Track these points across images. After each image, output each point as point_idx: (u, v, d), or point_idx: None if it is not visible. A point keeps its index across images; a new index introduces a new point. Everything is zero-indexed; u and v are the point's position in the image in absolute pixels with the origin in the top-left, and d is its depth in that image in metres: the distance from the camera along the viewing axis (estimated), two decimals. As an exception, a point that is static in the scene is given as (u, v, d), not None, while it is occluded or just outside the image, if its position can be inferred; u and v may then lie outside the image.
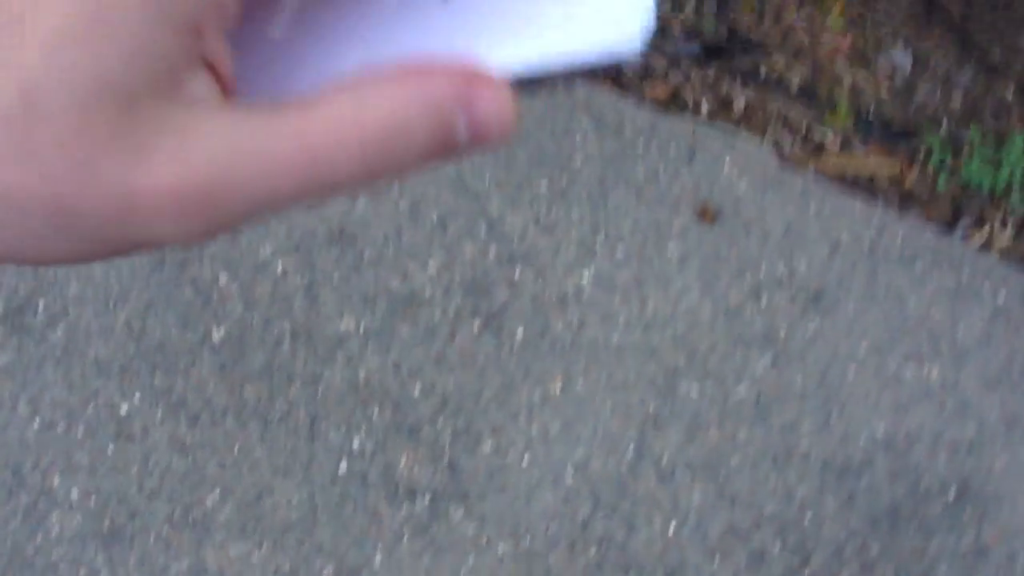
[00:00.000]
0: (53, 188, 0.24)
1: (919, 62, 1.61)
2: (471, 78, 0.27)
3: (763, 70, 1.59)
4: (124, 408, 1.50)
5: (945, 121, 1.59)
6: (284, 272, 1.53)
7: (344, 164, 0.25)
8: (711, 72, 1.59)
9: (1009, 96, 1.59)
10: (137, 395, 1.50)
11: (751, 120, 1.57)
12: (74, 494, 1.47)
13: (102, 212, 0.25)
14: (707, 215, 1.51)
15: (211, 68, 0.26)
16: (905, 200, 1.57)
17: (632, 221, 1.52)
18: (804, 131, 1.58)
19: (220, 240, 1.55)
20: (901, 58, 1.61)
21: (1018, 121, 1.58)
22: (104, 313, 1.54)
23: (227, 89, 0.27)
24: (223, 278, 1.53)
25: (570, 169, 1.53)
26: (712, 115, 1.57)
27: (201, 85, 0.26)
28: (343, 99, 0.26)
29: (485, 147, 0.27)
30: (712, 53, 1.59)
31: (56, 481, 1.48)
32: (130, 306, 1.54)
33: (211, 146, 0.25)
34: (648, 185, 1.52)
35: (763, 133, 1.57)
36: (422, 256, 1.52)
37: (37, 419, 1.51)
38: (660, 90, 1.58)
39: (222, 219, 0.25)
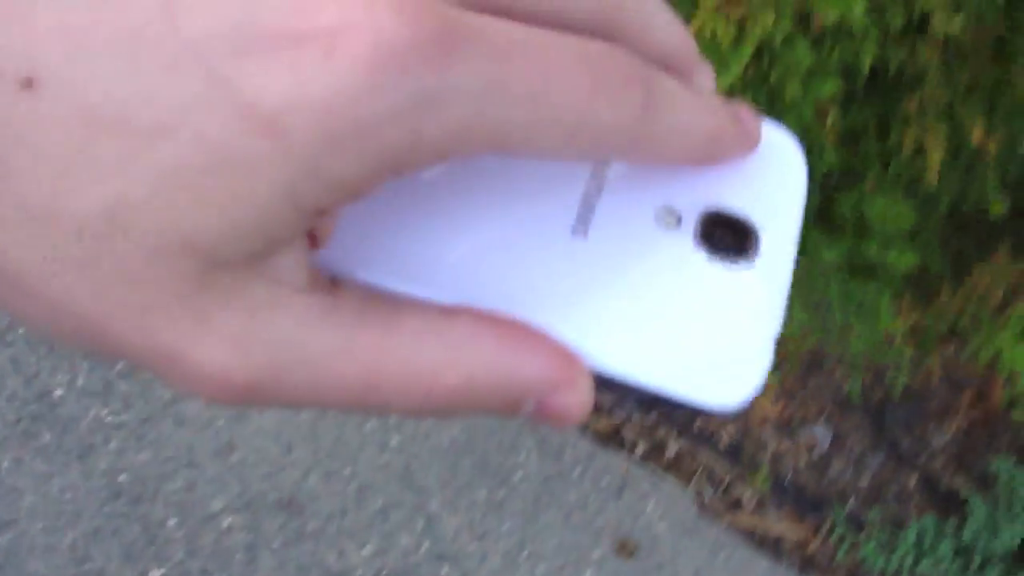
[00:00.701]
0: (95, 313, 0.23)
1: (837, 441, 1.83)
2: (562, 366, 0.26)
3: (697, 424, 1.80)
4: (50, 629, 1.61)
5: (852, 499, 1.80)
6: (230, 528, 1.67)
7: (399, 404, 0.25)
8: (651, 417, 1.80)
9: (911, 485, 1.81)
10: (66, 619, 1.61)
11: (679, 467, 1.77)
12: None
13: (135, 355, 0.24)
14: (625, 549, 1.69)
15: (310, 234, 0.25)
16: (806, 565, 1.76)
17: (557, 542, 1.69)
18: (725, 486, 1.78)
19: (175, 486, 1.69)
20: (822, 434, 1.83)
21: (915, 510, 1.79)
22: (52, 531, 1.66)
23: (315, 245, 0.26)
24: (172, 522, 1.67)
25: (509, 483, 1.70)
26: (645, 456, 1.77)
27: (291, 261, 0.24)
28: (424, 342, 0.25)
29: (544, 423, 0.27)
30: (655, 401, 1.80)
31: None
32: (79, 530, 1.66)
33: (275, 340, 0.24)
34: (577, 511, 1.70)
35: (688, 481, 1.76)
36: (360, 538, 1.67)
37: (-36, 623, 1.61)
38: (603, 424, 1.78)
39: (253, 405, 0.24)
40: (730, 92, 1.16)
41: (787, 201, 0.28)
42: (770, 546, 1.76)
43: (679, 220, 0.28)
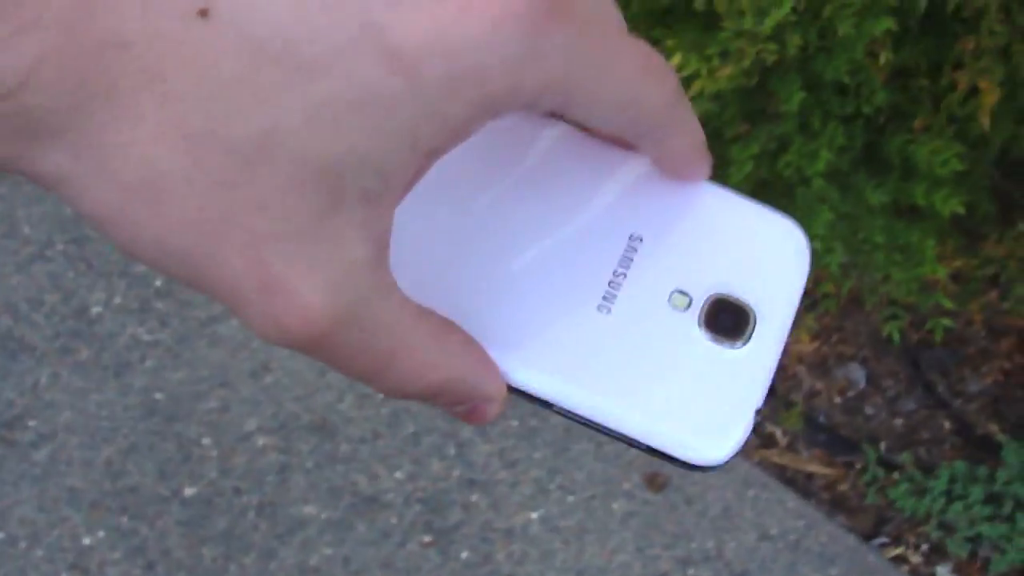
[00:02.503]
0: (217, 234, 0.25)
1: (872, 382, 1.84)
2: (501, 386, 0.32)
3: (733, 359, 1.81)
4: (87, 541, 1.65)
5: (885, 440, 1.81)
6: (263, 448, 1.70)
7: (393, 385, 0.29)
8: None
9: (945, 429, 1.82)
10: (101, 532, 1.65)
11: (713, 403, 1.79)
12: (20, 612, 1.62)
13: (233, 283, 0.26)
14: (655, 483, 1.71)
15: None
16: (835, 505, 1.78)
17: (587, 474, 1.71)
18: (758, 423, 1.79)
19: (210, 405, 1.73)
20: (857, 374, 1.84)
21: (948, 455, 1.80)
22: (89, 447, 1.70)
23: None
24: (206, 440, 1.71)
25: (542, 412, 1.72)
26: (679, 390, 1.78)
27: (387, 222, 0.27)
28: (433, 344, 0.29)
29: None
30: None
31: (6, 596, 1.62)
32: (115, 446, 1.70)
33: (358, 299, 0.27)
34: (608, 444, 1.72)
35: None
36: (392, 463, 1.70)
37: (2, 533, 1.66)
38: (638, 357, 1.79)
39: (307, 351, 0.27)
40: (781, 28, 1.16)
41: (787, 288, 0.33)
42: (800, 484, 1.78)
43: (689, 303, 0.33)
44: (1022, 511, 1.67)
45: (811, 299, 1.77)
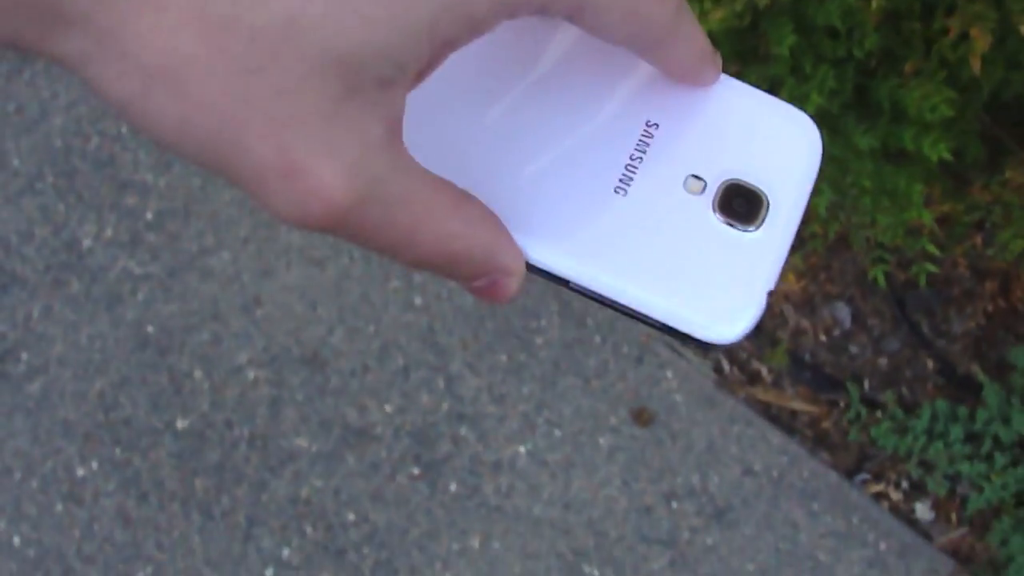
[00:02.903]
0: (239, 118, 0.25)
1: (857, 320, 1.86)
2: (519, 261, 0.32)
3: (720, 297, 1.83)
4: (80, 472, 1.68)
5: (868, 379, 1.84)
6: (255, 381, 1.72)
7: (416, 256, 0.29)
8: (674, 289, 1.82)
9: (928, 369, 1.85)
10: (95, 464, 1.68)
11: (699, 340, 1.81)
12: (16, 541, 1.64)
13: (254, 167, 0.26)
14: (641, 418, 1.74)
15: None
16: (818, 442, 1.81)
17: (574, 408, 1.74)
18: (744, 361, 1.82)
19: (201, 338, 1.74)
20: (843, 313, 1.86)
21: (930, 394, 1.83)
22: (81, 379, 1.72)
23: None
24: (198, 373, 1.73)
25: (530, 347, 1.75)
26: (666, 328, 1.80)
27: (400, 104, 0.28)
28: (453, 214, 0.30)
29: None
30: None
31: (1, 525, 1.65)
32: (107, 378, 1.72)
33: (376, 176, 0.27)
34: (596, 378, 1.75)
35: (707, 353, 1.80)
36: (381, 396, 1.72)
37: (-4, 462, 1.68)
38: (626, 294, 1.81)
39: (331, 232, 0.27)
40: (775, -29, 1.16)
41: (799, 177, 0.34)
42: (784, 421, 1.81)
43: (703, 187, 0.34)
44: (1000, 450, 1.71)
45: (798, 239, 1.79)
